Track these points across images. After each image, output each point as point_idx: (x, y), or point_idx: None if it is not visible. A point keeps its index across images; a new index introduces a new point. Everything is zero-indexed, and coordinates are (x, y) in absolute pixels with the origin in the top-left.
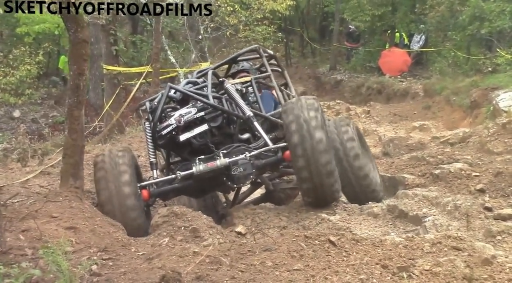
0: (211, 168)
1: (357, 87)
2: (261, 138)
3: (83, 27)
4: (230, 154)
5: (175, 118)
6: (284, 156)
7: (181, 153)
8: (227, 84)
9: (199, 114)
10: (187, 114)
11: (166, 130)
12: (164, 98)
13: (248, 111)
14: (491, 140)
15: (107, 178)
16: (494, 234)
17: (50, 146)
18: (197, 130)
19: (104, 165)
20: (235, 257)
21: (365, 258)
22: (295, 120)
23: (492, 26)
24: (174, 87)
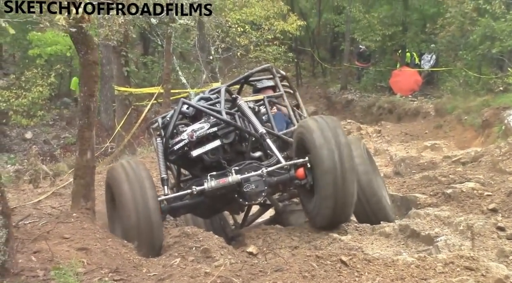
0: (222, 184)
1: (368, 107)
2: (273, 157)
3: (93, 49)
4: (242, 171)
5: (187, 134)
6: (296, 174)
7: (193, 169)
8: (240, 101)
9: (212, 130)
10: (200, 130)
11: (178, 146)
12: (176, 114)
13: (260, 129)
14: (503, 159)
15: (133, 190)
16: (507, 254)
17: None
18: (210, 146)
19: (128, 177)
20: (247, 278)
21: (377, 278)
22: (325, 145)
23: (503, 46)
24: (187, 102)
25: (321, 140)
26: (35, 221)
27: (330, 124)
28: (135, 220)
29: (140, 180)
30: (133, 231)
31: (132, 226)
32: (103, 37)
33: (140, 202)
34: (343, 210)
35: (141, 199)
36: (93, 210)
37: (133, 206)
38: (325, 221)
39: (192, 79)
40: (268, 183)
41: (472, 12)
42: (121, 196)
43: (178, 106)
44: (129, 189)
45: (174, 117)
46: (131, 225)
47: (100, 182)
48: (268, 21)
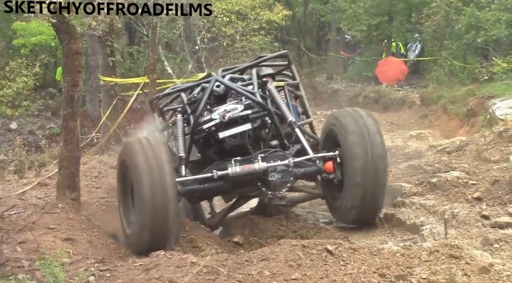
0: (248, 170)
1: (354, 97)
2: (291, 147)
3: (76, 38)
4: (268, 158)
5: (219, 113)
6: (324, 167)
7: (213, 150)
8: (270, 85)
9: (246, 112)
10: (233, 111)
11: (207, 125)
12: (209, 91)
13: (290, 116)
14: (488, 148)
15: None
16: (492, 242)
17: (47, 157)
18: (239, 129)
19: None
20: (233, 267)
21: (363, 267)
22: (358, 142)
23: (488, 35)
24: (222, 81)
25: (354, 137)
26: (20, 211)
27: (364, 118)
28: (150, 202)
29: (158, 157)
30: (148, 214)
31: (147, 209)
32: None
33: (157, 179)
34: (373, 204)
35: (158, 178)
36: (79, 201)
37: (149, 184)
38: (354, 216)
39: (178, 69)
40: (294, 174)
41: (457, 2)
42: (136, 171)
43: (211, 84)
44: (145, 166)
45: (206, 94)
46: (146, 207)
47: (86, 173)
48: (254, 11)
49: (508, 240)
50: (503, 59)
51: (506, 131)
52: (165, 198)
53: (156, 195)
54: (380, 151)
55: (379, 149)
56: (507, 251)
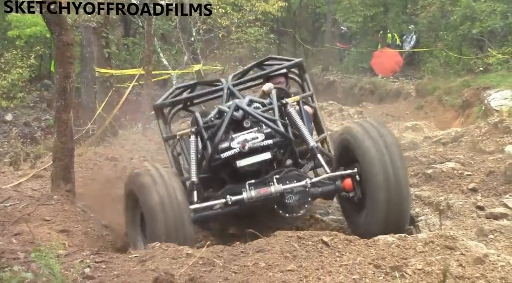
0: (264, 194)
1: (349, 88)
2: (305, 166)
3: (67, 29)
4: (283, 180)
5: (238, 143)
6: (343, 185)
7: (229, 175)
8: (290, 108)
9: (267, 142)
10: (253, 140)
11: (225, 154)
12: (228, 118)
13: (312, 142)
14: (483, 139)
15: (165, 209)
16: (486, 233)
17: (42, 149)
18: (259, 158)
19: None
20: (228, 259)
21: (358, 258)
22: (377, 156)
23: (483, 26)
24: (242, 107)
25: (372, 152)
26: (15, 203)
27: (378, 129)
28: (165, 237)
29: (172, 191)
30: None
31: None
32: (83, 19)
33: (171, 216)
34: (399, 220)
35: (172, 214)
36: (74, 192)
37: (163, 221)
38: (381, 232)
39: (173, 61)
40: (312, 194)
41: None
42: (149, 206)
43: (231, 109)
44: (159, 199)
45: (226, 120)
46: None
47: (81, 164)
48: (249, 2)
49: (503, 230)
50: (498, 50)
51: (501, 123)
52: (181, 233)
53: (171, 232)
54: (400, 163)
55: (398, 161)
56: (502, 242)
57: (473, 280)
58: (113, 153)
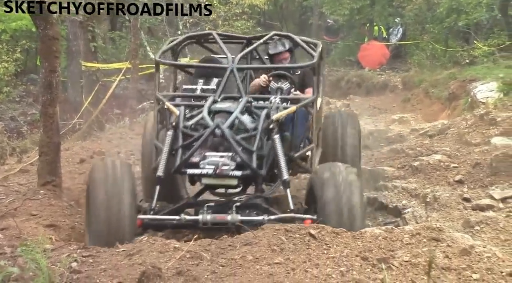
0: (219, 221)
1: (336, 81)
2: (275, 185)
3: (52, 24)
4: (244, 208)
5: (208, 164)
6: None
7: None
8: (274, 135)
9: (236, 173)
10: (224, 167)
11: (192, 171)
12: (205, 137)
13: (286, 175)
14: (469, 131)
15: (108, 195)
16: (473, 224)
17: (28, 144)
18: (226, 182)
19: (107, 176)
20: (216, 252)
21: (345, 250)
22: (335, 213)
23: (469, 19)
24: (222, 130)
25: (331, 207)
26: (2, 198)
27: (343, 174)
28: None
29: (120, 192)
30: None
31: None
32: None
33: (113, 212)
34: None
35: (115, 210)
36: (60, 187)
37: (105, 215)
38: None
39: None
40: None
41: None
42: (94, 204)
43: (210, 129)
44: (104, 195)
45: (201, 140)
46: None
47: (68, 159)
48: None
49: (489, 222)
50: (484, 42)
51: (487, 114)
52: (121, 237)
53: (111, 233)
54: (359, 213)
55: (357, 214)
56: (488, 233)
57: (459, 271)
58: (100, 147)
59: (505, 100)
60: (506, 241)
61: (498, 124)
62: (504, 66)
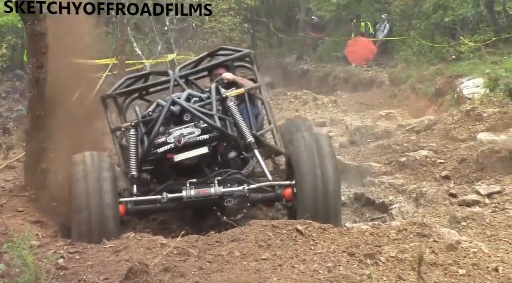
0: (203, 195)
1: (323, 77)
2: (250, 162)
3: (40, 19)
4: (225, 182)
5: (174, 137)
6: (283, 194)
7: (169, 171)
8: (230, 102)
9: (203, 137)
10: (189, 135)
11: (161, 149)
12: (164, 113)
13: (250, 137)
14: (455, 127)
15: (87, 184)
16: (459, 220)
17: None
18: (196, 152)
19: (86, 168)
20: (203, 248)
21: (332, 246)
22: (309, 174)
23: (455, 14)
24: (179, 102)
25: (306, 168)
26: None
27: (318, 145)
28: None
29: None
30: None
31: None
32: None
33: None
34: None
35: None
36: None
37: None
38: None
39: (147, 51)
40: (252, 200)
41: None
42: (74, 197)
43: (167, 105)
44: (84, 189)
45: (162, 116)
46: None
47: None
48: None
49: (475, 217)
50: (470, 38)
51: (473, 110)
52: (103, 229)
53: (93, 226)
54: (332, 174)
55: (330, 173)
56: (474, 229)
57: (446, 267)
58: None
59: (491, 96)
60: (492, 237)
61: (484, 120)
62: (490, 62)
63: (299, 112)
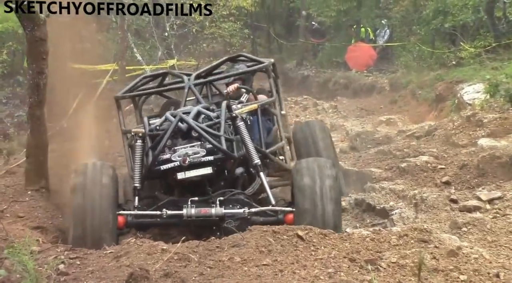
0: (204, 215)
1: (324, 83)
2: (257, 179)
3: (40, 25)
4: (227, 202)
5: (179, 156)
6: (285, 220)
7: (171, 187)
8: (239, 122)
9: (208, 158)
10: (194, 155)
11: (165, 166)
12: (171, 130)
13: (256, 159)
14: (456, 133)
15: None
16: (460, 225)
17: (15, 146)
18: (200, 172)
19: (86, 180)
20: (204, 254)
21: (333, 251)
22: (310, 208)
23: (455, 20)
24: (186, 120)
25: (307, 202)
26: None
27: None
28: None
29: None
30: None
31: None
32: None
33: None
34: None
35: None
36: (48, 188)
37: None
38: None
39: (147, 56)
40: (252, 223)
41: None
42: (73, 208)
43: (174, 122)
44: (82, 199)
45: (168, 134)
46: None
47: (56, 161)
48: None
49: (476, 223)
50: (471, 44)
51: (473, 116)
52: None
53: (87, 238)
54: (333, 208)
55: (330, 207)
56: (475, 234)
57: (447, 273)
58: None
59: (492, 102)
60: (493, 242)
61: (485, 126)
62: (491, 67)
63: (299, 118)
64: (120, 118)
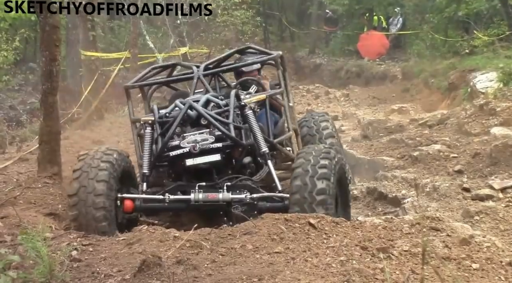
0: (211, 199)
1: (336, 71)
2: (264, 168)
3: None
4: (234, 188)
5: (188, 142)
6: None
7: (179, 173)
8: (248, 111)
9: (217, 145)
10: (203, 142)
11: (174, 153)
12: (180, 117)
13: (264, 147)
14: (468, 121)
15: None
16: (472, 214)
17: (28, 133)
18: (209, 159)
19: (84, 165)
20: (216, 241)
21: (345, 240)
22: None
23: (469, 8)
24: (196, 107)
25: (297, 180)
26: (1, 186)
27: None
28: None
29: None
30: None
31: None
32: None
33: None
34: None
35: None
36: (60, 175)
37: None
38: None
39: (159, 44)
40: (259, 208)
41: None
42: (69, 194)
43: (184, 109)
44: (78, 184)
45: (177, 121)
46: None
47: (68, 148)
48: None
49: (488, 212)
50: (484, 32)
51: (486, 105)
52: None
53: (82, 224)
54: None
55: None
56: (487, 223)
57: (459, 261)
58: (99, 137)
59: (505, 90)
60: (505, 231)
61: (497, 115)
62: (504, 56)
63: (311, 106)
64: (130, 107)
